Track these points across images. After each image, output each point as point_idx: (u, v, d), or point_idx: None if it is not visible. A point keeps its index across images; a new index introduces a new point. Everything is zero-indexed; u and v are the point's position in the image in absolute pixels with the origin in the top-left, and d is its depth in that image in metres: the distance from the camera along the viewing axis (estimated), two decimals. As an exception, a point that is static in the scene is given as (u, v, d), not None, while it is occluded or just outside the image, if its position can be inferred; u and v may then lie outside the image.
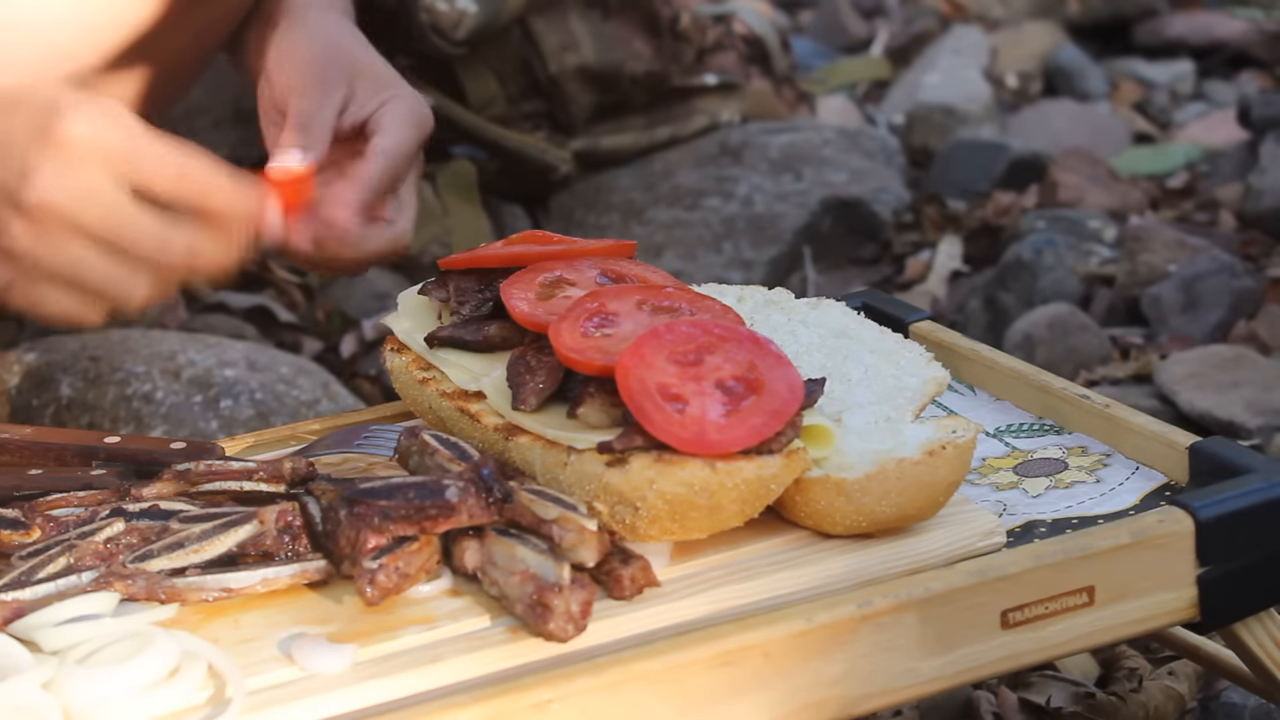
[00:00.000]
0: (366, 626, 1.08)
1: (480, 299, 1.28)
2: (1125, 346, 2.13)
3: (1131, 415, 1.30)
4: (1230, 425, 1.86)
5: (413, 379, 1.29)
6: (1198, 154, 2.73)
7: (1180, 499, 1.17)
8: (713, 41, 2.69)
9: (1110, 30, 3.34)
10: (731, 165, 2.59)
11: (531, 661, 1.04)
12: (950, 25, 3.41)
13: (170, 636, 1.03)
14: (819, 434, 1.15)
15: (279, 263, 2.35)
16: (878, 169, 2.61)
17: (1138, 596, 1.15)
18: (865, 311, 1.40)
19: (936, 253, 2.46)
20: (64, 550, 1.11)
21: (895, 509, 1.13)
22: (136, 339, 1.98)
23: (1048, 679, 1.50)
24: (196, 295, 2.35)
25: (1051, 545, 1.13)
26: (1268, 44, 3.17)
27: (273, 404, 1.89)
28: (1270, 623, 1.20)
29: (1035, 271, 2.23)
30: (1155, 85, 3.13)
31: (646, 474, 1.09)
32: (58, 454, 1.28)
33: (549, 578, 1.05)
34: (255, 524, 1.12)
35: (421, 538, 1.09)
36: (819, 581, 1.11)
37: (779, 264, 2.44)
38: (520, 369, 1.19)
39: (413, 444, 1.20)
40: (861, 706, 1.08)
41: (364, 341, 2.25)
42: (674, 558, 1.13)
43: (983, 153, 2.69)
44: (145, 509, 1.15)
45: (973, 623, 1.10)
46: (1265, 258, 2.30)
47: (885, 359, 1.28)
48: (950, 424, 1.16)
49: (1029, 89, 3.15)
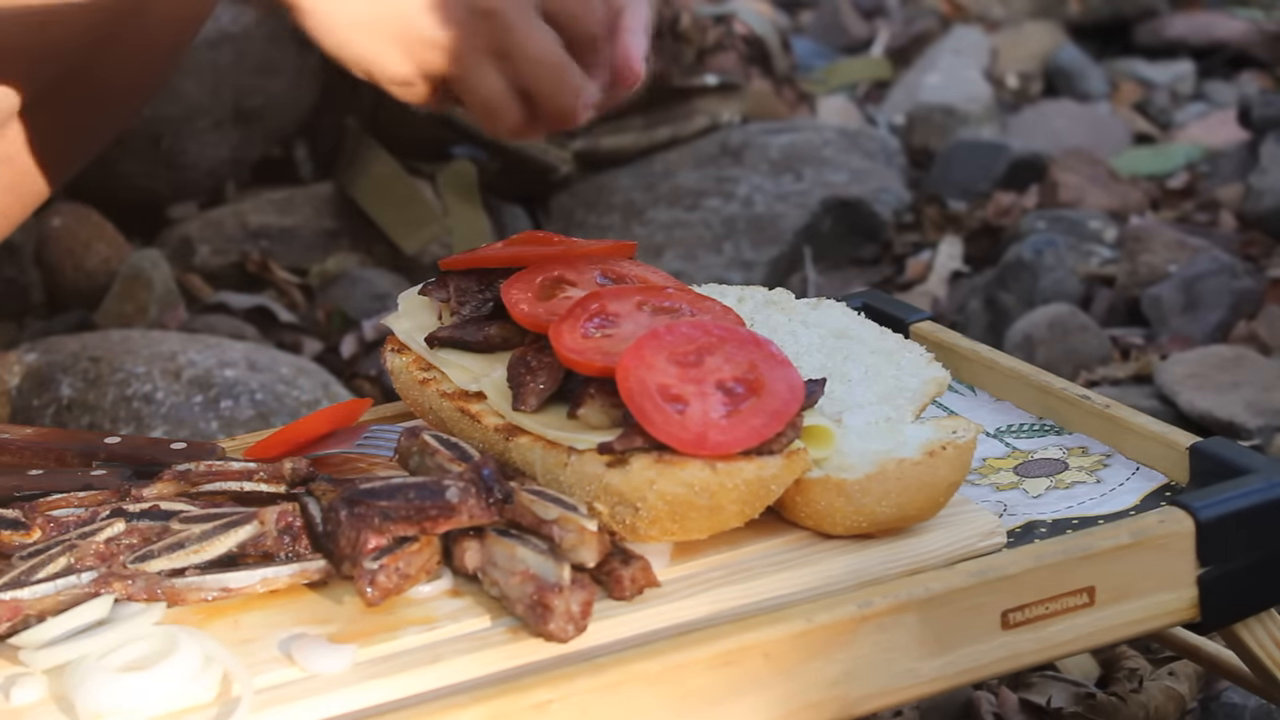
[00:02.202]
0: (367, 627, 1.08)
1: (481, 299, 1.28)
2: (1125, 347, 2.13)
3: (1132, 415, 1.30)
4: (1230, 425, 1.86)
5: (413, 379, 1.29)
6: (1198, 154, 2.73)
7: (1181, 499, 1.17)
8: (713, 42, 2.69)
9: (1110, 30, 3.34)
10: (732, 165, 2.59)
11: (532, 662, 1.04)
12: (950, 25, 3.41)
13: (194, 638, 1.04)
14: (819, 434, 1.15)
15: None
16: (878, 169, 2.62)
17: (1138, 597, 1.15)
18: (865, 312, 1.40)
19: (937, 253, 2.46)
20: (64, 550, 1.11)
21: (895, 509, 1.13)
22: (137, 339, 1.99)
23: (1048, 679, 1.50)
24: (196, 296, 2.36)
25: (1052, 545, 1.13)
26: (1268, 44, 3.17)
27: (273, 404, 1.90)
28: (1271, 623, 1.20)
29: (1035, 272, 2.23)
30: (1155, 85, 3.13)
31: (647, 475, 1.09)
32: (58, 454, 1.28)
33: (549, 578, 1.05)
34: (255, 524, 1.12)
35: (422, 538, 1.09)
36: (819, 582, 1.11)
37: (779, 264, 2.44)
38: (520, 370, 1.19)
39: (413, 444, 1.20)
40: (862, 707, 1.08)
41: (364, 342, 2.25)
42: (674, 558, 1.13)
43: (983, 153, 2.69)
44: (146, 509, 1.15)
45: (973, 623, 1.10)
46: (1265, 258, 2.30)
47: (885, 359, 1.28)
48: (950, 424, 1.16)
49: (1029, 89, 3.15)
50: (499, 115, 1.27)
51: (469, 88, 1.26)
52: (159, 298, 2.24)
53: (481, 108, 1.27)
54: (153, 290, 2.24)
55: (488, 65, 1.25)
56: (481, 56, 1.24)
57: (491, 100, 1.26)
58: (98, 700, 1.00)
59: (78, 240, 2.32)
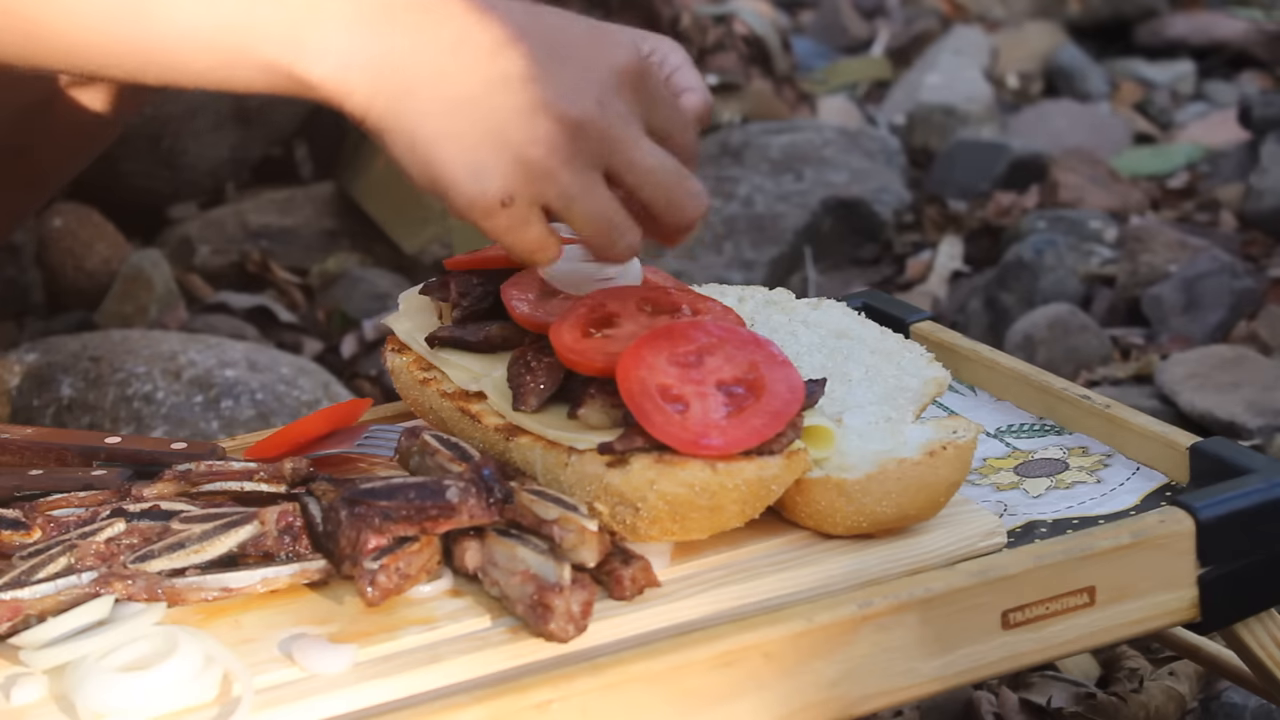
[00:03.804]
0: (367, 627, 1.08)
1: (481, 299, 1.28)
2: (1126, 347, 2.13)
3: (1132, 415, 1.30)
4: (1231, 425, 1.86)
5: (413, 379, 1.29)
6: (1198, 154, 2.73)
7: (1181, 499, 1.17)
8: (713, 42, 2.69)
9: (1111, 30, 3.34)
10: (732, 165, 2.59)
11: (532, 662, 1.04)
12: (951, 25, 3.41)
13: (195, 638, 1.04)
14: (820, 434, 1.15)
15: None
16: (878, 169, 2.62)
17: (1138, 597, 1.14)
18: (866, 312, 1.40)
19: (937, 253, 2.46)
20: (64, 550, 1.11)
21: (896, 509, 1.13)
22: (137, 339, 1.99)
23: (1048, 679, 1.50)
24: (196, 296, 2.36)
25: (1052, 545, 1.13)
26: (1268, 44, 3.17)
27: (273, 404, 1.90)
28: (1271, 623, 1.20)
29: (1036, 272, 2.23)
30: (1156, 85, 3.13)
31: (647, 475, 1.09)
32: (58, 454, 1.28)
33: (550, 578, 1.05)
34: (256, 524, 1.12)
35: (422, 538, 1.09)
36: (819, 582, 1.11)
37: (780, 264, 2.44)
38: (521, 370, 1.19)
39: (413, 444, 1.20)
40: (862, 707, 1.08)
41: (364, 342, 2.25)
42: (674, 558, 1.13)
43: (983, 153, 2.69)
44: (146, 509, 1.15)
45: (973, 623, 1.10)
46: (1266, 258, 2.30)
47: (886, 359, 1.28)
48: (951, 424, 1.16)
49: (1029, 89, 3.15)
50: (616, 233, 1.13)
51: (580, 206, 1.11)
52: (159, 298, 2.24)
53: (594, 227, 1.12)
54: (153, 290, 2.24)
55: (599, 179, 1.12)
56: (592, 170, 1.11)
57: (606, 217, 1.12)
58: (98, 700, 1.00)
59: (78, 240, 2.33)
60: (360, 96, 1.08)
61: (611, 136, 1.11)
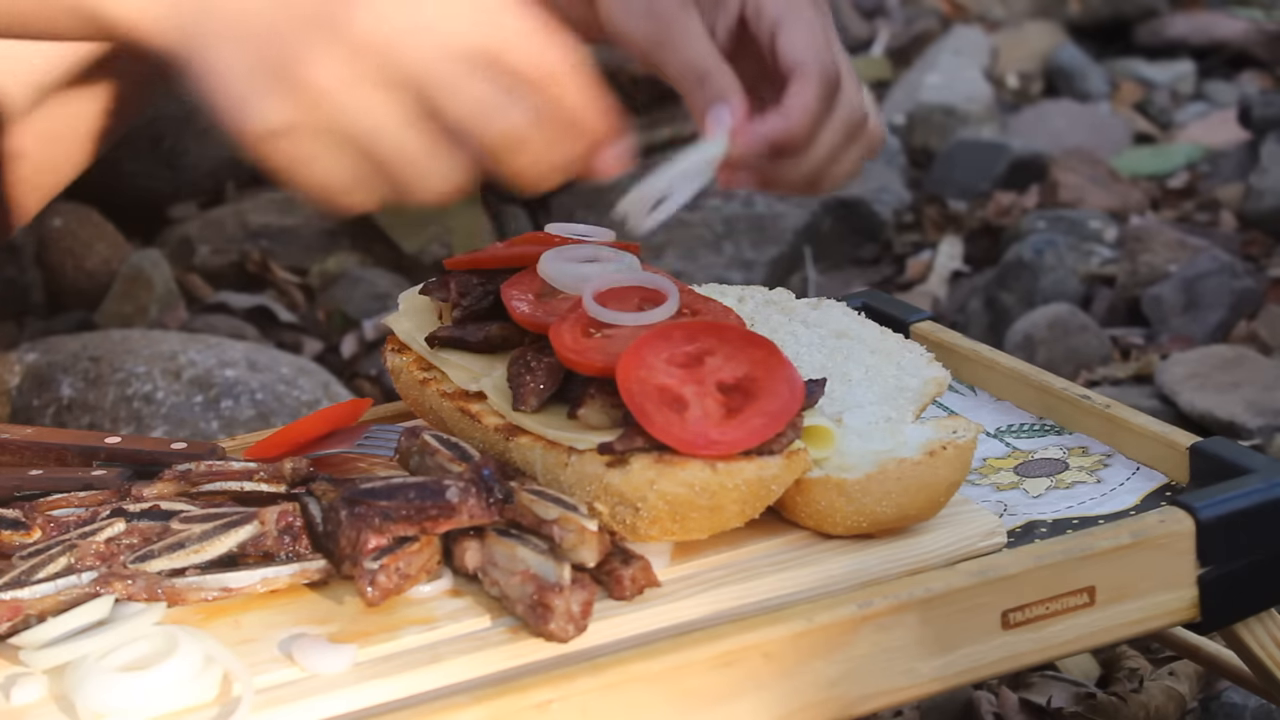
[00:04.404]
0: (367, 627, 1.08)
1: (481, 299, 1.28)
2: (1126, 347, 2.13)
3: (1132, 415, 1.30)
4: (1231, 425, 1.86)
5: (413, 379, 1.29)
6: (1198, 154, 2.73)
7: (1181, 499, 1.17)
8: (713, 42, 2.68)
9: (1111, 30, 3.34)
10: (732, 165, 2.58)
11: (532, 662, 1.04)
12: (951, 25, 3.40)
13: (195, 638, 1.04)
14: (820, 434, 1.15)
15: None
16: (878, 169, 2.62)
17: (1138, 597, 1.14)
18: (866, 312, 1.40)
19: (937, 253, 2.46)
20: (64, 550, 1.11)
21: (896, 509, 1.13)
22: (137, 339, 1.99)
23: (1048, 679, 1.50)
24: (196, 296, 2.36)
25: (1052, 545, 1.13)
26: (1268, 44, 3.17)
27: (273, 404, 1.90)
28: (1271, 623, 1.20)
29: (1036, 272, 2.23)
30: (1156, 85, 3.12)
31: (647, 475, 1.09)
32: (58, 454, 1.28)
33: (549, 578, 1.05)
34: (256, 524, 1.12)
35: (422, 538, 1.09)
36: (819, 582, 1.11)
37: (780, 264, 2.44)
38: (520, 370, 1.19)
39: (413, 444, 1.20)
40: (862, 707, 1.08)
41: (364, 342, 2.25)
42: (674, 558, 1.13)
43: (983, 153, 2.69)
44: (146, 509, 1.15)
45: (973, 623, 1.10)
46: (1266, 258, 2.30)
47: (886, 359, 1.28)
48: (951, 424, 1.16)
49: (1029, 89, 3.15)
50: (415, 171, 1.03)
51: (386, 141, 1.01)
52: (159, 298, 2.24)
53: (395, 161, 1.02)
54: (153, 290, 2.24)
55: (398, 114, 1.02)
56: (391, 104, 1.01)
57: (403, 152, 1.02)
58: (98, 700, 1.00)
59: (78, 240, 2.33)
60: (160, 31, 1.03)
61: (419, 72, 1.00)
